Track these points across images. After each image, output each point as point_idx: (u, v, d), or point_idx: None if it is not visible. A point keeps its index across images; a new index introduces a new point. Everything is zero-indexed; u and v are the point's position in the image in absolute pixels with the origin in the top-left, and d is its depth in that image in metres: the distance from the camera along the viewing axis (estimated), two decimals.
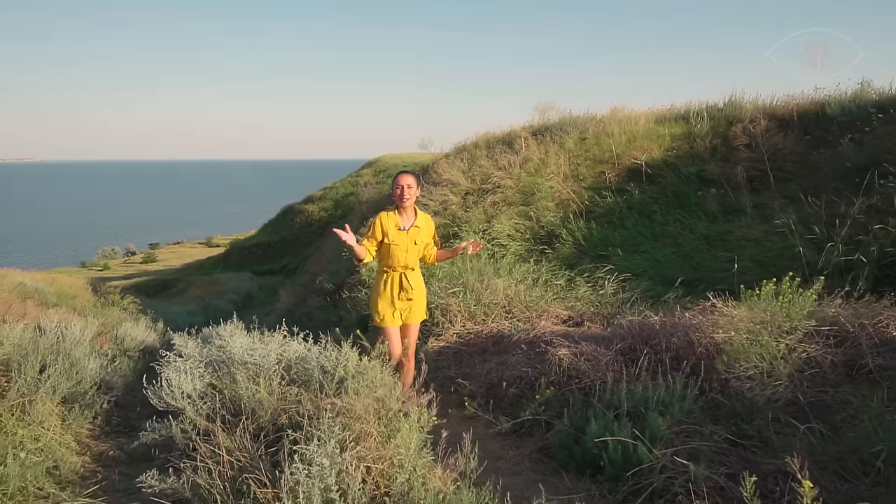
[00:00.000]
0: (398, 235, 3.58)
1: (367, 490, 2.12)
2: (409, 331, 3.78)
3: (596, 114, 12.14)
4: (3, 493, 2.22)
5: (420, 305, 3.76)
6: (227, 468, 2.40)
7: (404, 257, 3.61)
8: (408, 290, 3.65)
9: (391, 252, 3.60)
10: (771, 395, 2.76)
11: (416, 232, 3.64)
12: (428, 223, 3.77)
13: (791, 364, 2.99)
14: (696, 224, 7.73)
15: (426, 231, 3.73)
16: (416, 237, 3.64)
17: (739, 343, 2.95)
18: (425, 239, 3.72)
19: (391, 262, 3.63)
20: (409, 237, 3.60)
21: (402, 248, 3.59)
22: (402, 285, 3.65)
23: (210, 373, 3.52)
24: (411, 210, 3.65)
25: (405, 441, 2.24)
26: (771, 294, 3.17)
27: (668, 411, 2.73)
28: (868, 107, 8.04)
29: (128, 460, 3.18)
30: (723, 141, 9.47)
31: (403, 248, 3.59)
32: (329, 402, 2.70)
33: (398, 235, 3.58)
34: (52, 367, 3.56)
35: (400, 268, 3.63)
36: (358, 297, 7.24)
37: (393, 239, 3.58)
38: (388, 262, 3.65)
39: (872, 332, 3.24)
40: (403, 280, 3.65)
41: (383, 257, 3.67)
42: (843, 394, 2.85)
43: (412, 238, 3.61)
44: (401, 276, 3.65)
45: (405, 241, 3.59)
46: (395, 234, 3.58)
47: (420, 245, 3.67)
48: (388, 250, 3.60)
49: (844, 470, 2.21)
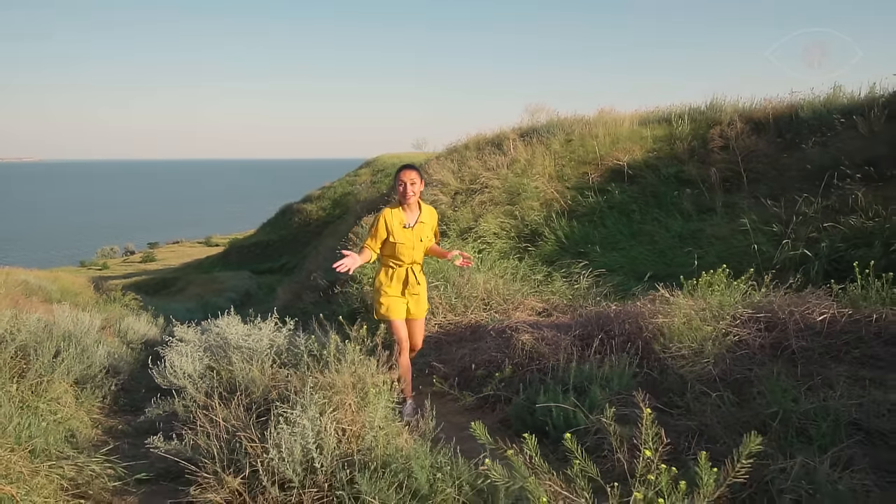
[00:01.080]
0: (403, 234, 3.50)
1: (341, 447, 2.50)
2: (416, 325, 3.73)
3: (583, 116, 12.53)
4: (31, 451, 2.60)
5: (424, 298, 3.72)
6: (223, 432, 2.79)
7: (411, 254, 3.54)
8: (413, 285, 3.60)
9: (397, 250, 3.52)
10: (700, 371, 3.15)
11: (422, 228, 3.56)
12: (432, 217, 3.67)
13: (721, 345, 3.38)
14: (671, 223, 8.12)
15: (430, 225, 3.64)
16: (422, 233, 3.56)
17: (675, 327, 3.34)
18: (430, 233, 3.64)
19: (397, 259, 3.56)
20: (414, 234, 3.52)
21: (408, 245, 3.51)
22: (408, 281, 3.59)
23: (209, 356, 3.91)
24: (415, 205, 3.55)
25: (374, 407, 2.63)
26: (706, 285, 3.56)
27: (609, 385, 3.13)
28: (834, 112, 8.43)
29: (134, 433, 3.56)
30: (702, 143, 9.86)
31: (410, 245, 3.51)
32: (313, 377, 3.09)
33: (403, 234, 3.50)
34: (66, 351, 3.95)
35: (407, 264, 3.57)
36: (350, 293, 7.62)
37: (398, 238, 3.49)
38: (394, 259, 3.58)
39: (799, 318, 3.63)
40: (410, 275, 3.59)
41: (388, 254, 3.58)
42: (766, 371, 3.23)
43: (417, 235, 3.53)
44: (407, 271, 3.58)
45: (411, 238, 3.51)
46: (401, 232, 3.49)
47: (426, 240, 3.61)
48: (394, 249, 3.52)
49: (745, 429, 2.59)
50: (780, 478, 2.14)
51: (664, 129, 11.03)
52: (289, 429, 2.49)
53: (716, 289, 3.55)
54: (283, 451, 2.37)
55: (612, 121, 11.79)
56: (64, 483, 2.49)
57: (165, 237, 55.67)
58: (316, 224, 34.75)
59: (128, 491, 2.68)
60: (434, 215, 3.70)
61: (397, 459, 2.31)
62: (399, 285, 3.60)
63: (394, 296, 3.60)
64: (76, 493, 2.48)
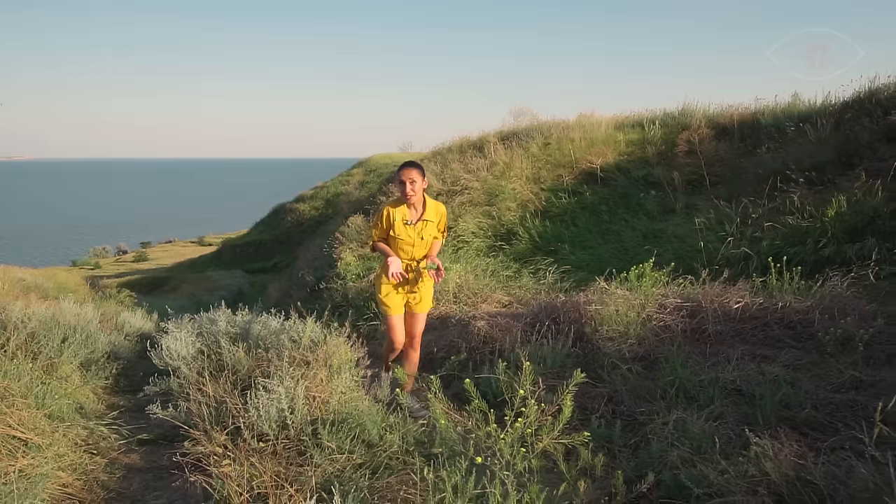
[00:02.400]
0: (403, 230, 3.47)
1: (311, 410, 3.00)
2: (417, 320, 3.68)
3: (562, 120, 13.09)
4: (48, 415, 3.07)
5: (427, 295, 3.66)
6: (212, 401, 3.28)
7: (410, 251, 3.53)
8: (412, 282, 3.57)
9: (397, 245, 3.50)
10: (623, 350, 3.67)
11: (424, 226, 3.50)
12: (438, 214, 3.59)
13: (647, 329, 3.90)
14: (637, 222, 8.66)
15: (435, 223, 3.57)
16: (424, 231, 3.50)
17: (606, 314, 3.86)
18: (434, 232, 3.57)
19: (397, 255, 3.52)
20: (415, 232, 3.48)
21: (407, 242, 3.49)
22: (407, 278, 3.56)
23: (200, 341, 4.39)
24: (420, 203, 3.50)
25: (339, 377, 3.13)
26: (635, 278, 4.09)
27: (545, 362, 3.64)
28: (788, 119, 9.00)
29: (134, 408, 4.04)
30: (670, 147, 10.42)
31: (409, 242, 3.49)
32: (289, 355, 3.59)
33: (403, 230, 3.47)
34: (72, 337, 4.42)
35: (406, 260, 3.55)
36: (334, 288, 8.11)
37: (398, 233, 3.47)
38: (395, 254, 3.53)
39: (718, 307, 4.16)
40: (410, 273, 3.56)
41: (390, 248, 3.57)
42: (683, 351, 3.76)
43: (419, 233, 3.49)
44: (406, 267, 3.56)
45: (411, 236, 3.48)
46: (401, 228, 3.47)
47: (428, 239, 3.54)
48: (394, 244, 3.51)
49: (649, 396, 3.11)
50: (660, 429, 2.66)
51: (638, 133, 11.58)
52: (266, 395, 2.99)
53: (644, 281, 4.08)
54: (262, 412, 2.86)
55: (590, 125, 12.33)
56: (77, 440, 2.97)
57: (159, 237, 55.85)
58: (308, 223, 35.11)
59: (132, 450, 3.17)
60: (441, 212, 3.61)
61: (355, 417, 2.81)
62: (400, 282, 3.54)
63: (392, 292, 3.57)
64: (87, 450, 2.97)
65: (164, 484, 2.79)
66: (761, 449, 2.05)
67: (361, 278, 7.88)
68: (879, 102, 7.96)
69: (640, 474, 2.16)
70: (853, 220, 5.85)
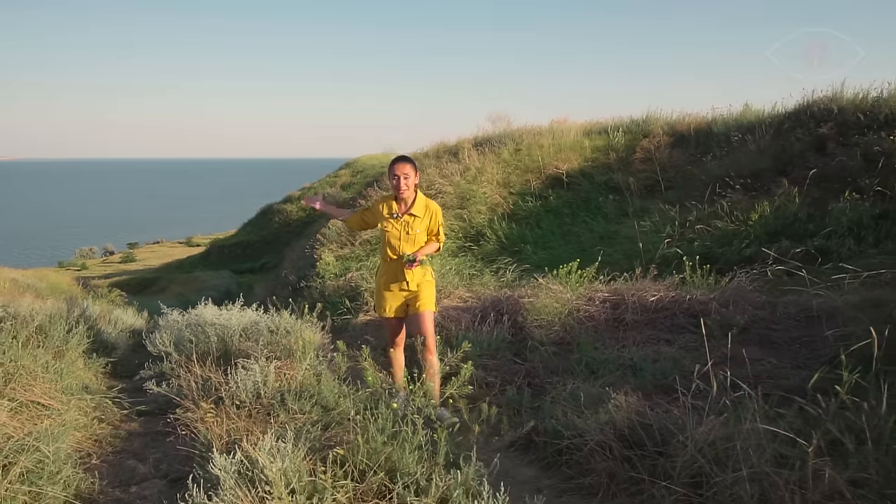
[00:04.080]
0: (388, 223, 3.46)
1: (280, 383, 3.63)
2: (421, 319, 3.49)
3: (535, 126, 13.79)
4: (62, 389, 3.68)
5: (428, 295, 3.56)
6: (199, 379, 3.91)
7: (398, 246, 3.46)
8: (402, 282, 3.51)
9: (386, 239, 3.50)
10: (548, 336, 4.35)
11: (410, 220, 3.45)
12: (428, 212, 3.52)
13: (573, 318, 4.58)
14: (595, 225, 9.37)
15: (425, 220, 3.49)
16: (410, 226, 3.45)
17: (537, 305, 4.53)
18: (423, 228, 3.49)
19: (387, 251, 3.54)
20: (400, 226, 3.44)
21: (393, 235, 3.44)
22: (398, 277, 3.51)
23: (189, 331, 5.01)
24: (410, 198, 3.49)
25: (303, 357, 3.77)
26: (565, 274, 4.77)
27: (483, 346, 4.31)
28: (734, 128, 9.76)
29: (132, 389, 4.64)
30: (632, 153, 11.15)
31: (395, 235, 3.44)
32: (265, 338, 4.22)
33: (388, 223, 3.46)
34: (76, 328, 5.02)
35: (396, 257, 3.49)
36: (313, 287, 8.73)
37: (384, 226, 3.47)
38: (385, 251, 3.56)
39: (637, 299, 4.85)
40: (400, 273, 3.50)
41: (382, 245, 3.60)
42: (600, 336, 4.45)
43: (404, 227, 3.44)
44: (398, 266, 3.50)
45: (397, 229, 3.44)
46: (387, 220, 3.47)
47: (415, 235, 3.46)
48: (384, 237, 3.52)
49: (561, 371, 3.79)
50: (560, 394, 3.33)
51: (604, 139, 12.30)
52: (245, 372, 3.62)
53: (571, 278, 4.76)
54: (240, 384, 3.50)
55: (560, 131, 13.04)
56: (87, 410, 3.59)
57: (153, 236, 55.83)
58: (296, 224, 35.52)
59: (132, 419, 3.79)
60: (431, 210, 3.54)
61: (315, 388, 3.45)
62: (391, 280, 3.55)
63: (385, 291, 3.57)
64: (95, 417, 3.58)
65: (159, 443, 3.42)
66: (616, 403, 2.73)
67: (339, 277, 8.50)
68: (813, 115, 8.72)
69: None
70: (774, 224, 6.59)
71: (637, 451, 2.47)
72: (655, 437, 2.49)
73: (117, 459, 3.12)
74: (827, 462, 1.92)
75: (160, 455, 3.23)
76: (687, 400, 2.59)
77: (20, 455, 2.42)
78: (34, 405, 3.19)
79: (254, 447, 2.34)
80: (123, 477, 2.90)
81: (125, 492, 2.73)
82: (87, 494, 2.59)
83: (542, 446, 2.83)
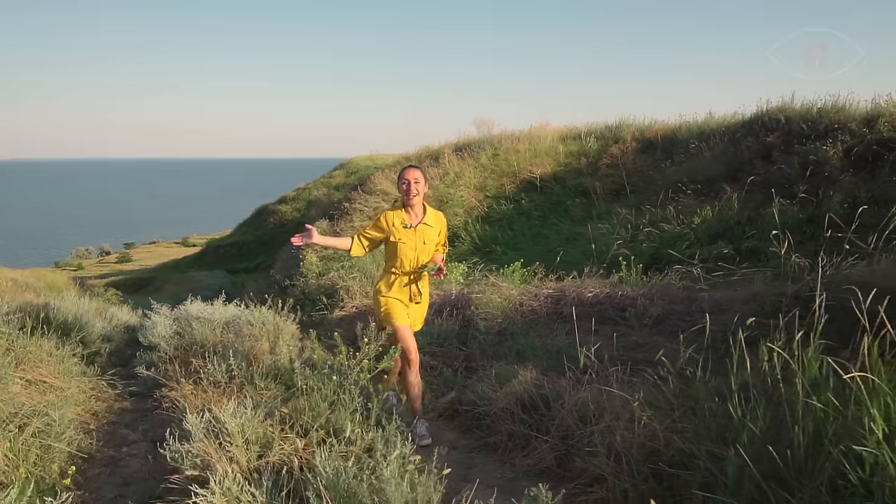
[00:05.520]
0: (405, 233, 3.34)
1: (252, 366, 4.22)
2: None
3: (513, 131, 14.39)
4: (63, 372, 4.26)
5: (423, 312, 3.59)
6: (183, 365, 4.49)
7: (413, 256, 3.37)
8: (416, 294, 3.44)
9: (399, 251, 3.33)
10: (492, 327, 4.95)
11: (426, 230, 3.39)
12: (438, 221, 3.49)
13: (517, 312, 5.18)
14: (563, 227, 9.98)
15: (436, 229, 3.45)
16: (426, 236, 3.38)
17: (483, 300, 5.14)
18: (435, 238, 3.45)
19: (399, 263, 3.39)
20: (416, 236, 3.35)
21: (409, 246, 3.34)
22: (411, 290, 3.42)
23: (176, 324, 5.59)
24: (419, 207, 3.41)
25: (274, 344, 4.37)
26: (510, 273, 5.37)
27: (434, 335, 4.91)
28: (695, 136, 10.37)
29: (125, 375, 5.22)
30: (601, 158, 11.76)
31: (412, 246, 3.34)
32: (244, 332, 4.81)
33: (405, 233, 3.34)
34: (76, 322, 5.60)
35: (409, 268, 3.39)
36: (297, 285, 9.31)
37: (400, 237, 3.33)
38: (396, 263, 3.40)
39: (576, 295, 5.45)
40: (412, 285, 3.43)
41: (389, 258, 3.43)
42: (540, 328, 5.04)
43: (421, 237, 3.36)
44: (409, 278, 3.41)
45: (413, 239, 3.34)
46: (402, 232, 3.34)
47: (430, 245, 3.40)
48: (396, 249, 3.35)
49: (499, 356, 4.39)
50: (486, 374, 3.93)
51: (578, 145, 12.91)
52: (222, 358, 4.21)
53: (516, 276, 5.37)
54: (216, 367, 4.09)
55: (537, 137, 13.65)
56: (86, 389, 4.17)
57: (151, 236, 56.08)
58: (290, 224, 35.98)
59: (124, 398, 4.37)
60: (441, 220, 3.54)
61: (281, 368, 4.05)
62: (400, 293, 3.43)
63: (395, 302, 3.42)
64: (92, 395, 4.17)
65: (147, 417, 4.01)
66: (520, 378, 3.33)
67: (321, 276, 9.08)
68: (764, 124, 9.34)
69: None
70: (717, 227, 7.20)
71: (530, 414, 3.07)
72: (545, 403, 3.09)
73: (111, 428, 3.71)
74: (653, 416, 2.52)
75: (147, 426, 3.82)
76: (575, 374, 3.19)
77: (32, 418, 3.00)
78: (41, 383, 3.77)
79: (220, 411, 2.94)
80: (116, 441, 3.49)
81: (118, 451, 3.32)
82: (86, 452, 3.18)
83: (463, 414, 3.43)
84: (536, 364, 4.06)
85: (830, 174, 7.04)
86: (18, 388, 3.36)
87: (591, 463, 2.52)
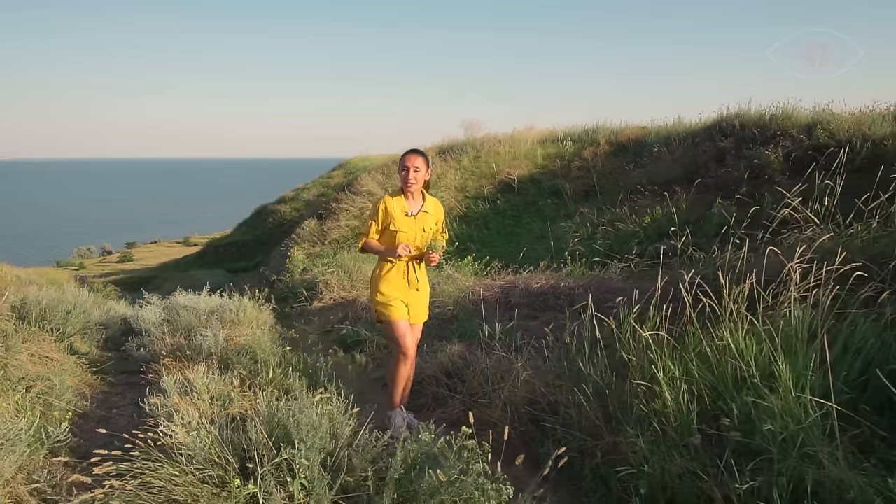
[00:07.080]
0: (405, 221, 3.25)
1: (229, 346, 4.85)
2: (415, 331, 3.45)
3: (496, 134, 15.00)
4: (63, 349, 4.89)
5: (425, 302, 3.48)
6: (170, 345, 5.12)
7: (413, 245, 3.28)
8: (414, 282, 3.33)
9: (398, 240, 3.23)
10: (447, 314, 5.56)
11: (425, 218, 3.32)
12: (437, 209, 3.43)
13: (469, 301, 5.80)
14: (535, 226, 10.60)
15: (434, 217, 3.38)
16: (425, 223, 3.31)
17: (439, 290, 5.76)
18: (433, 226, 3.37)
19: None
20: (417, 224, 3.28)
21: (409, 235, 3.25)
22: (409, 277, 3.32)
23: (166, 312, 6.23)
24: (419, 194, 3.34)
25: (248, 327, 5.00)
26: (464, 265, 6.00)
27: None
28: (661, 139, 10.98)
29: (119, 357, 5.86)
30: (574, 160, 12.37)
31: (411, 235, 3.26)
32: (224, 318, 5.44)
33: (405, 221, 3.25)
34: (74, 311, 6.24)
35: (407, 258, 3.30)
36: (284, 280, 9.95)
37: (400, 225, 3.24)
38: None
39: (525, 286, 6.07)
40: (410, 271, 3.33)
41: (387, 245, 3.31)
42: (489, 313, 5.66)
43: (420, 224, 3.29)
44: (407, 266, 3.32)
45: (413, 227, 3.27)
46: (402, 220, 3.25)
47: (429, 233, 3.33)
48: (395, 238, 3.25)
49: (443, 337, 5.01)
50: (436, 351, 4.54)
51: (556, 147, 13.53)
52: (202, 338, 4.84)
53: (468, 269, 6.00)
54: (197, 346, 4.72)
55: (518, 140, 14.26)
56: (82, 365, 4.80)
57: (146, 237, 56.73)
58: (289, 224, 36.42)
59: (117, 374, 5.01)
60: (440, 208, 3.48)
61: (255, 348, 4.67)
62: (398, 281, 3.32)
63: (393, 294, 3.31)
64: (88, 370, 4.80)
65: (136, 389, 4.63)
66: (447, 351, 3.95)
67: (305, 272, 9.72)
68: (721, 129, 9.95)
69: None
70: (665, 226, 7.80)
71: (451, 379, 3.69)
72: (463, 370, 3.72)
73: (103, 396, 4.34)
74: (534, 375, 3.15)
75: (135, 395, 4.44)
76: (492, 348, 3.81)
77: (37, 381, 3.63)
78: (44, 358, 4.41)
79: (192, 374, 3.56)
80: (107, 404, 4.12)
81: (108, 412, 3.95)
82: (82, 411, 3.80)
83: None
84: (468, 342, 4.70)
85: (770, 177, 7.64)
86: (26, 358, 3.99)
87: (485, 413, 3.14)
